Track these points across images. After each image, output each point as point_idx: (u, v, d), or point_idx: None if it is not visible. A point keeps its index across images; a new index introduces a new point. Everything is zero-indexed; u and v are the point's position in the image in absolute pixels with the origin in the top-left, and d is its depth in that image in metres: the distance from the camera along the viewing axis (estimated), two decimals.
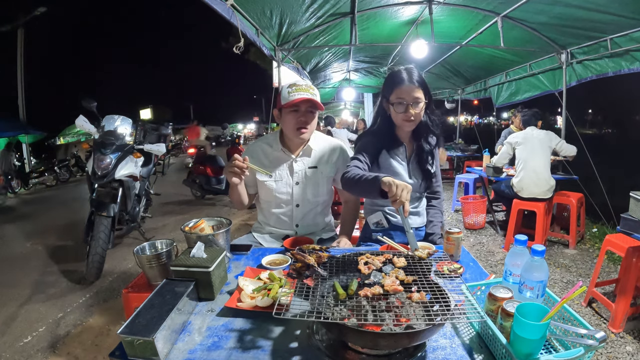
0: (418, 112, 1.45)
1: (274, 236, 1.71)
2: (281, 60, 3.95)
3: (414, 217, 1.63)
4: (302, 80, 1.56)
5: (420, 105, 1.45)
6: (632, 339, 2.10)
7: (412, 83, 1.43)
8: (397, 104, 1.46)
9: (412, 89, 1.43)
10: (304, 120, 1.54)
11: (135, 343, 0.84)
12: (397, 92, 1.45)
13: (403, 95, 1.44)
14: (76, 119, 3.18)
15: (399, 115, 1.47)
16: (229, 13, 2.42)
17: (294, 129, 1.56)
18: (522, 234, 1.03)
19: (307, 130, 1.56)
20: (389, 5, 3.63)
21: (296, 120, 1.54)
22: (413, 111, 1.44)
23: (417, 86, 1.43)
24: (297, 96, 1.49)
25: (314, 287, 0.93)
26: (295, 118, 1.54)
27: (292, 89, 1.52)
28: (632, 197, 2.11)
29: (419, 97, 1.44)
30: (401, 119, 1.47)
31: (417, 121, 1.49)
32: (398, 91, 1.45)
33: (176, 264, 1.11)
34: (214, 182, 5.97)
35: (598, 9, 2.86)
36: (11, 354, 2.14)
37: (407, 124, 1.49)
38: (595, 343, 0.78)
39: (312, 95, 1.51)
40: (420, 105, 1.45)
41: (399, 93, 1.45)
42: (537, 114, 3.64)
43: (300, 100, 1.49)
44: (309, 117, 1.55)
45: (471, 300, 0.90)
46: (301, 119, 1.54)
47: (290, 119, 1.55)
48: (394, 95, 1.46)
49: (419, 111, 1.45)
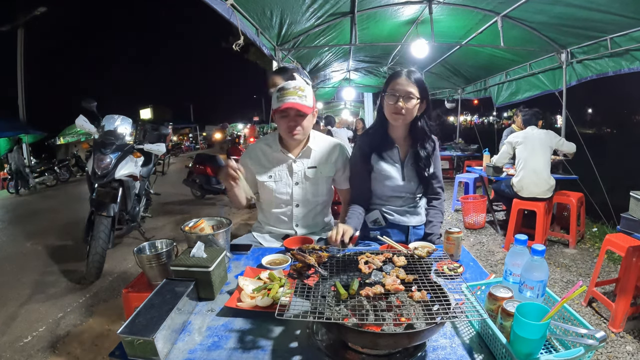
0: (409, 107, 1.46)
1: (274, 236, 1.71)
2: (281, 60, 3.95)
3: (411, 216, 1.64)
4: (292, 82, 1.57)
5: (413, 101, 1.46)
6: (632, 339, 2.10)
7: (408, 78, 1.46)
8: (389, 95, 1.49)
9: (407, 83, 1.46)
10: (293, 125, 1.55)
11: (135, 343, 0.84)
12: (392, 84, 1.49)
13: (396, 87, 1.47)
14: (76, 118, 3.18)
15: (389, 106, 1.49)
16: (228, 13, 2.42)
17: (286, 132, 1.57)
18: (522, 233, 1.03)
19: (299, 132, 1.57)
20: (389, 5, 3.63)
21: (287, 125, 1.55)
22: (403, 104, 1.45)
23: (412, 82, 1.46)
24: (284, 101, 1.50)
25: (314, 287, 0.93)
26: (286, 123, 1.55)
27: (280, 93, 1.53)
28: (632, 197, 2.11)
29: (412, 92, 1.45)
30: (390, 110, 1.50)
31: (407, 117, 1.50)
32: (393, 83, 1.49)
33: (176, 264, 1.11)
34: (214, 182, 5.97)
35: (598, 9, 2.86)
36: (11, 354, 2.14)
37: (396, 117, 1.50)
38: (595, 343, 0.78)
39: (299, 99, 1.51)
40: (412, 101, 1.46)
41: (393, 85, 1.48)
42: (537, 114, 3.64)
43: (285, 107, 1.50)
44: (299, 120, 1.55)
45: (471, 300, 0.90)
46: (291, 123, 1.55)
47: (282, 123, 1.56)
48: (389, 87, 1.50)
49: (410, 107, 1.47)
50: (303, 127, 1.56)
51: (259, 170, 1.65)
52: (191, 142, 23.21)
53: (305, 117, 1.55)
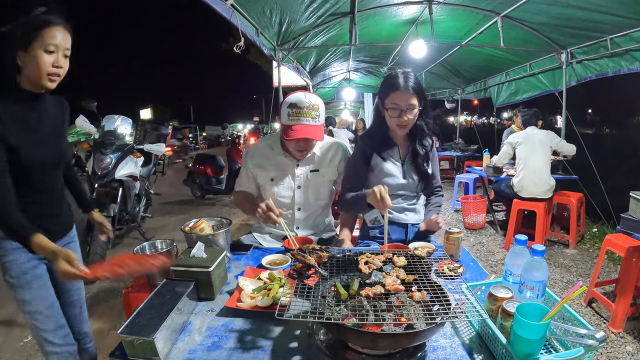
0: (411, 118, 1.48)
1: (274, 236, 1.71)
2: (281, 60, 3.95)
3: (410, 213, 1.65)
4: (306, 99, 1.46)
5: (414, 111, 1.48)
6: (632, 339, 2.10)
7: (407, 90, 1.45)
8: (391, 109, 1.48)
9: (407, 95, 1.45)
10: (303, 146, 1.53)
11: (136, 343, 0.84)
12: (392, 97, 1.47)
13: (397, 101, 1.46)
14: (76, 119, 3.18)
15: (393, 119, 1.50)
16: (228, 13, 2.42)
17: (295, 151, 1.56)
18: (522, 234, 1.03)
19: (308, 152, 1.56)
20: (388, 5, 3.63)
21: (296, 145, 1.53)
22: (406, 117, 1.47)
23: (411, 93, 1.45)
24: (297, 124, 1.45)
25: (314, 288, 0.93)
26: (295, 143, 1.51)
27: (293, 111, 1.46)
28: (632, 197, 2.11)
29: (413, 104, 1.46)
30: (394, 123, 1.51)
31: (409, 126, 1.52)
32: (393, 96, 1.47)
33: (176, 264, 1.11)
34: (214, 182, 5.97)
35: (598, 9, 2.86)
36: (11, 354, 2.14)
37: (400, 129, 1.52)
38: (595, 343, 0.78)
39: (312, 121, 1.46)
40: (414, 111, 1.48)
41: (393, 98, 1.47)
42: (537, 114, 3.65)
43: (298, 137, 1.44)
44: (310, 142, 1.52)
45: (471, 300, 0.90)
46: (301, 144, 1.51)
47: (291, 142, 1.52)
48: (389, 99, 1.48)
49: (413, 117, 1.49)
50: (312, 147, 1.56)
51: (261, 173, 1.64)
52: (191, 142, 23.21)
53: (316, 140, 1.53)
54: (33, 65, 1.11)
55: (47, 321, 1.25)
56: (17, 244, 1.17)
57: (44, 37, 1.10)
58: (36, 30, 1.10)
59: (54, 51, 1.12)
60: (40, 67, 1.11)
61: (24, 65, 1.12)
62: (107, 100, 4.56)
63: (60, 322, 1.29)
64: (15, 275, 1.20)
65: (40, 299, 1.24)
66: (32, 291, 1.22)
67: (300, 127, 1.45)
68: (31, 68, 1.11)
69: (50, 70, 1.13)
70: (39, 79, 1.13)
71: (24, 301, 1.22)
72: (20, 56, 1.11)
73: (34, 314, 1.23)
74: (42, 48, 1.10)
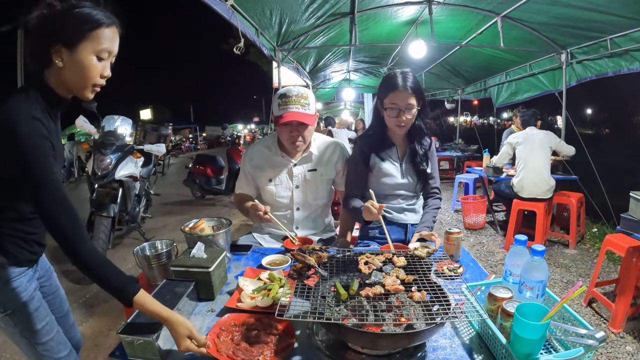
0: (410, 117, 1.49)
1: (274, 236, 1.71)
2: (281, 61, 3.95)
3: (410, 213, 1.65)
4: (295, 89, 1.53)
5: (413, 111, 1.49)
6: (632, 339, 2.10)
7: (405, 90, 1.45)
8: (390, 109, 1.49)
9: (406, 95, 1.45)
10: (296, 135, 1.53)
11: (136, 343, 0.84)
12: (391, 97, 1.48)
13: (396, 101, 1.47)
14: (76, 119, 3.18)
15: (391, 119, 1.51)
16: (228, 13, 2.42)
17: (288, 142, 1.56)
18: (522, 234, 1.04)
19: (301, 142, 1.56)
20: (388, 5, 3.63)
21: (289, 135, 1.54)
22: (405, 117, 1.48)
23: (410, 93, 1.46)
24: (286, 111, 1.48)
25: (314, 288, 0.93)
26: (288, 132, 1.53)
27: (282, 100, 1.50)
28: (632, 197, 2.11)
29: (412, 104, 1.47)
30: (393, 123, 1.51)
31: (408, 126, 1.53)
32: (392, 96, 1.48)
33: (176, 264, 1.11)
34: (214, 182, 5.97)
35: (598, 9, 2.86)
36: (11, 354, 2.13)
37: (398, 129, 1.53)
38: (595, 343, 0.78)
39: (301, 108, 1.49)
40: (412, 111, 1.48)
41: (392, 98, 1.48)
42: (536, 114, 3.65)
43: (288, 120, 1.47)
44: (301, 130, 1.53)
45: (471, 300, 0.90)
46: (293, 133, 1.53)
47: (283, 132, 1.55)
48: (388, 99, 1.49)
49: (411, 117, 1.49)
50: (305, 137, 1.56)
51: (259, 173, 1.64)
52: (191, 142, 23.21)
53: (308, 126, 1.54)
54: (78, 70, 0.90)
55: (59, 347, 1.10)
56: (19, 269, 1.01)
57: (99, 38, 0.89)
58: (89, 27, 0.88)
59: (104, 58, 0.93)
60: (87, 75, 0.91)
61: (64, 65, 0.89)
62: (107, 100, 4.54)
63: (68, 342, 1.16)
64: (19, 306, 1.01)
65: (50, 323, 1.08)
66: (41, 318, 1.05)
67: (289, 113, 1.48)
68: (74, 72, 0.90)
69: (97, 81, 0.93)
70: (82, 88, 0.93)
71: (34, 332, 1.04)
72: (60, 52, 0.88)
73: (46, 344, 1.06)
74: (94, 52, 0.90)
